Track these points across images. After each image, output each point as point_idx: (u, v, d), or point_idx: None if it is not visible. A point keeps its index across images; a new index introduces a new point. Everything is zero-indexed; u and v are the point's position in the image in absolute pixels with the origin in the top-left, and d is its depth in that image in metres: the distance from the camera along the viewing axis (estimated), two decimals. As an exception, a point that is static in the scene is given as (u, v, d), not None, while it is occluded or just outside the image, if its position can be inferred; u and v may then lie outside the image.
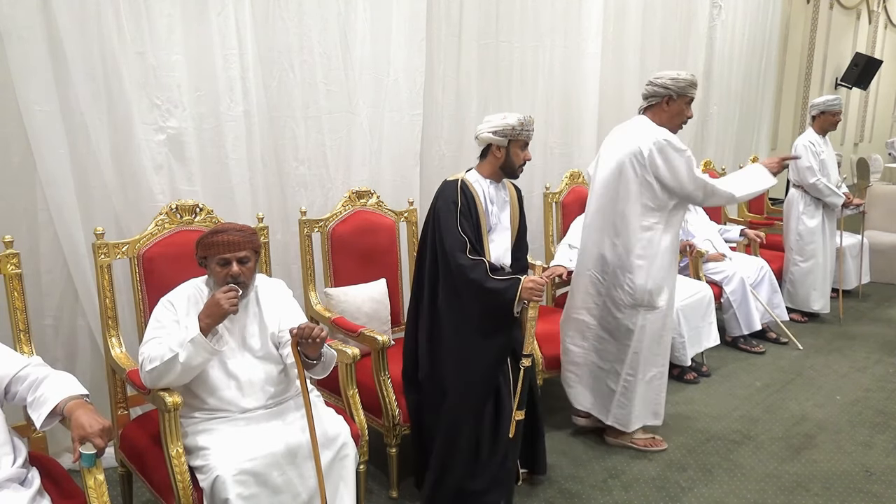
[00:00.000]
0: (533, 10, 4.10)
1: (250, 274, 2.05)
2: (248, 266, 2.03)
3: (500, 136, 2.32)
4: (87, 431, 1.58)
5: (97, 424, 1.60)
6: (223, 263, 2.00)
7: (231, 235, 2.00)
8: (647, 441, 3.00)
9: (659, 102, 2.70)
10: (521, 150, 2.37)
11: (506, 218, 2.42)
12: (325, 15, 3.14)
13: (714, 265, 4.16)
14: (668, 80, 2.67)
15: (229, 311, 1.90)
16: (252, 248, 2.04)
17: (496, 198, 2.39)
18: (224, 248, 1.99)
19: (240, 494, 1.79)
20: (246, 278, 2.02)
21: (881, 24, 11.57)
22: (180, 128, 2.74)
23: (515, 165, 2.38)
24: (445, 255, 2.24)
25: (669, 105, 2.69)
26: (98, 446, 1.58)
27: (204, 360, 1.91)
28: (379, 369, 2.52)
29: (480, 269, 2.18)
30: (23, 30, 2.36)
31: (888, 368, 3.97)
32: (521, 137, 2.35)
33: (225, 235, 2.00)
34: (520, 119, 2.32)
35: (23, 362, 1.79)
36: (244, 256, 2.01)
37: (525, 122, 2.34)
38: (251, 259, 2.04)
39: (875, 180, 9.31)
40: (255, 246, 2.06)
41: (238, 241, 2.00)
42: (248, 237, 2.03)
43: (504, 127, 2.32)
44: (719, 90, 5.85)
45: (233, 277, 1.99)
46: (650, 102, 2.73)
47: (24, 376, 1.75)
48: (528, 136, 2.38)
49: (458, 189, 2.29)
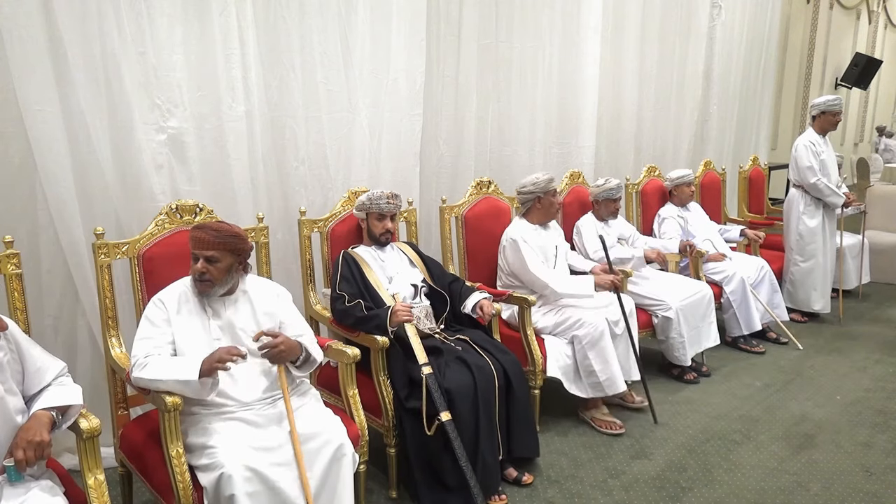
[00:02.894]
0: (532, 10, 4.10)
1: (219, 273, 2.06)
2: (217, 266, 2.05)
3: (359, 210, 2.86)
4: (15, 441, 1.58)
5: (27, 436, 1.59)
6: (194, 259, 2.06)
7: (204, 233, 2.04)
8: (606, 423, 3.15)
9: (532, 205, 3.29)
10: (379, 221, 2.83)
11: (402, 265, 2.89)
12: (325, 15, 3.14)
13: (714, 265, 4.16)
14: (531, 185, 3.26)
15: (221, 362, 1.90)
16: (225, 249, 2.05)
17: (386, 256, 2.87)
18: (195, 243, 2.05)
19: (245, 491, 1.79)
20: (212, 276, 2.05)
21: (881, 24, 11.58)
22: (181, 128, 2.73)
23: (377, 234, 2.84)
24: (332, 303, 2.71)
25: (542, 202, 3.27)
26: (16, 457, 1.56)
27: (191, 395, 1.93)
28: (378, 369, 2.53)
29: (356, 308, 2.61)
30: (23, 29, 2.36)
31: (888, 368, 3.97)
32: (373, 210, 2.80)
33: (199, 232, 2.05)
34: (369, 196, 2.81)
35: (56, 372, 1.83)
36: (212, 256, 2.03)
37: (373, 198, 2.79)
38: (221, 260, 2.05)
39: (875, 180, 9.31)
40: (231, 248, 2.06)
41: (208, 239, 2.03)
42: (221, 238, 2.04)
43: (358, 203, 2.86)
44: (719, 90, 5.85)
45: (198, 273, 2.04)
46: (525, 208, 3.32)
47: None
48: (380, 209, 2.80)
49: (341, 258, 2.76)
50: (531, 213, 3.33)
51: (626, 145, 5.07)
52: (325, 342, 2.41)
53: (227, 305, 2.13)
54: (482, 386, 2.51)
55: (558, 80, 4.37)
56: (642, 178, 4.58)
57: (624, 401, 3.35)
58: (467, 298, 2.85)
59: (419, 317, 2.73)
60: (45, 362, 1.81)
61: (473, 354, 2.62)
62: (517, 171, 4.16)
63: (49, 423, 1.67)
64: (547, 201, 3.28)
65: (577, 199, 3.99)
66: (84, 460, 1.78)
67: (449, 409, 2.41)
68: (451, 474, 2.43)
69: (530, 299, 2.99)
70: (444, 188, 3.80)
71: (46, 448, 1.61)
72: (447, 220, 3.41)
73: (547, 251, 3.30)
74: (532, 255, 3.20)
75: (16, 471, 1.58)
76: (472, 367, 2.53)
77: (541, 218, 3.33)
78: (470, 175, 3.87)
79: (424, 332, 2.70)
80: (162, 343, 2.03)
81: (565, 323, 3.12)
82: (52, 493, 1.64)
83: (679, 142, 5.61)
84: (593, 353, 3.03)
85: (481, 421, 2.48)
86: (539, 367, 2.99)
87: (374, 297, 2.70)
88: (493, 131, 4.09)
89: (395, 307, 2.58)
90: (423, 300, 2.85)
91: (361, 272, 2.75)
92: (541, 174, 3.27)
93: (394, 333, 2.55)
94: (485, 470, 2.47)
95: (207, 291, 2.08)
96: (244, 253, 2.13)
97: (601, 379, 3.03)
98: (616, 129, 4.97)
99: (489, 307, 2.81)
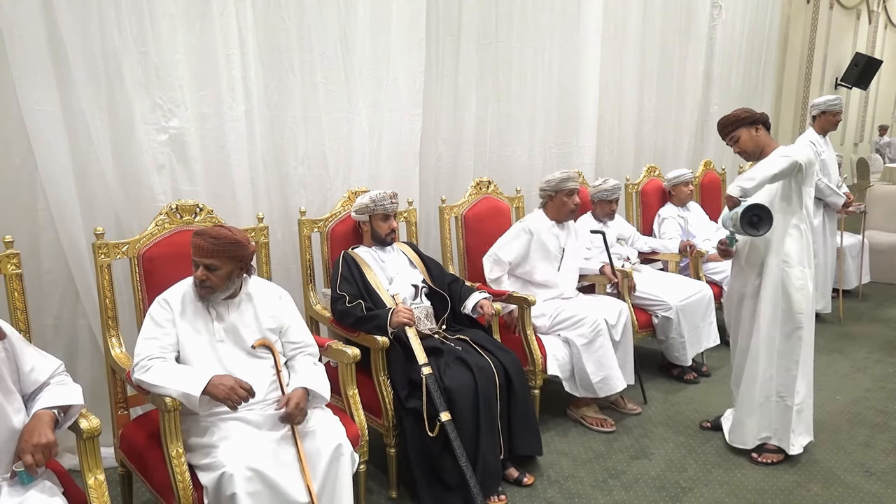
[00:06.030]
0: (532, 10, 4.10)
1: (219, 281, 2.05)
2: (217, 273, 2.04)
3: (360, 213, 2.83)
4: (21, 446, 1.57)
5: (33, 439, 1.58)
6: (195, 266, 2.06)
7: (203, 241, 2.03)
8: (598, 420, 3.16)
9: (547, 201, 3.32)
10: (384, 222, 2.83)
11: (402, 266, 2.89)
12: (325, 15, 3.14)
13: (714, 265, 4.15)
14: (545, 182, 3.30)
15: (224, 400, 1.90)
16: (225, 257, 2.03)
17: (386, 257, 2.87)
18: (195, 251, 2.05)
19: (246, 490, 1.80)
20: (213, 284, 2.05)
21: (881, 24, 11.58)
22: (182, 128, 2.73)
23: (382, 234, 2.83)
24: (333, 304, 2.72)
25: (554, 200, 3.27)
26: (25, 462, 1.55)
27: (189, 406, 1.92)
28: (379, 369, 2.53)
29: (356, 308, 2.61)
30: (24, 29, 2.36)
31: (888, 368, 3.97)
32: (378, 211, 2.79)
33: (198, 239, 2.04)
34: (371, 197, 2.79)
35: (50, 371, 1.82)
36: (211, 264, 2.03)
37: (377, 199, 2.78)
38: (221, 267, 2.04)
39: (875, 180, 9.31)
40: (230, 255, 2.05)
41: (206, 247, 2.02)
42: (220, 245, 2.02)
43: (359, 206, 2.83)
44: (719, 90, 5.85)
45: (199, 280, 2.04)
46: (543, 202, 3.36)
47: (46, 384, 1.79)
48: (384, 210, 2.80)
49: (341, 259, 2.77)
50: (548, 208, 3.34)
51: (627, 145, 5.07)
52: (325, 342, 2.42)
53: (230, 308, 2.13)
54: (483, 385, 2.51)
55: (558, 80, 4.37)
56: (642, 178, 4.58)
57: (616, 406, 3.35)
58: (467, 298, 2.86)
59: (419, 317, 2.73)
60: (39, 362, 1.80)
61: (474, 354, 2.62)
62: (517, 171, 4.17)
63: (52, 422, 1.67)
64: (559, 200, 3.27)
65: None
66: (84, 460, 1.78)
67: (449, 408, 2.41)
68: (451, 474, 2.43)
69: (530, 299, 2.99)
70: (443, 188, 3.80)
71: (53, 448, 1.61)
72: (447, 220, 3.41)
73: (552, 249, 3.29)
74: (513, 248, 3.21)
75: (27, 474, 1.58)
76: (473, 367, 2.53)
77: (555, 215, 3.31)
78: (469, 175, 3.87)
79: (425, 332, 2.70)
80: (166, 344, 2.02)
81: (563, 322, 3.12)
82: (51, 494, 1.64)
83: (679, 142, 5.61)
84: (587, 353, 3.03)
85: (482, 420, 2.49)
86: (539, 366, 2.99)
87: (375, 298, 2.70)
88: (493, 131, 4.09)
89: (396, 308, 2.58)
90: (424, 300, 2.85)
91: (361, 273, 2.76)
92: (559, 172, 3.28)
93: (393, 334, 2.56)
94: (485, 470, 2.47)
95: (208, 297, 2.08)
96: (245, 258, 2.11)
97: (593, 381, 3.03)
98: (616, 129, 4.97)
99: (489, 307, 2.81)
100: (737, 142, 2.79)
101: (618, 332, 3.15)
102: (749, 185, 2.53)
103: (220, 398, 1.89)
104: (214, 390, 1.89)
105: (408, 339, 2.54)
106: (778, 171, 2.55)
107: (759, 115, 2.78)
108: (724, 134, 2.84)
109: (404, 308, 2.61)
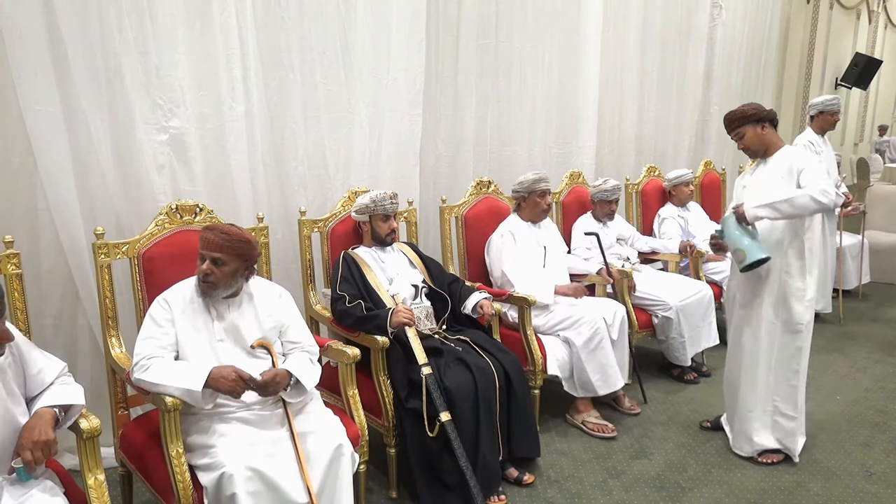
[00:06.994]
0: (532, 10, 4.10)
1: (223, 276, 2.06)
2: (223, 269, 2.05)
3: (360, 213, 2.83)
4: (20, 442, 1.57)
5: (33, 436, 1.58)
6: (201, 259, 2.07)
7: (214, 235, 2.04)
8: (598, 426, 3.12)
9: (521, 202, 3.36)
10: (384, 222, 2.82)
11: (402, 266, 2.89)
12: (325, 15, 3.14)
13: (714, 265, 4.15)
14: (517, 185, 3.33)
15: (228, 393, 1.92)
16: (233, 254, 2.04)
17: (386, 257, 2.87)
18: (203, 244, 2.06)
19: (247, 490, 1.80)
20: (216, 278, 2.05)
21: (881, 24, 11.58)
22: (182, 128, 2.73)
23: (382, 235, 2.83)
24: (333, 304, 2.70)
25: (527, 202, 3.32)
26: (24, 459, 1.56)
27: (190, 402, 1.93)
28: (379, 369, 2.53)
29: (356, 308, 2.61)
30: (24, 29, 2.36)
31: (888, 368, 3.97)
32: (378, 212, 2.79)
33: (209, 233, 2.06)
34: (371, 197, 2.78)
35: (56, 373, 1.82)
36: (218, 258, 2.04)
37: (378, 200, 2.77)
38: (228, 263, 2.05)
39: (875, 180, 9.31)
40: (239, 252, 2.06)
41: (217, 242, 2.03)
42: (230, 242, 2.04)
43: (359, 206, 2.82)
44: (719, 90, 5.85)
45: (203, 274, 2.05)
46: (516, 204, 3.41)
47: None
48: (385, 210, 2.79)
49: (341, 259, 2.76)
50: (522, 210, 3.38)
51: (627, 145, 5.07)
52: (325, 342, 2.42)
53: (230, 308, 2.13)
54: (482, 386, 2.51)
55: (558, 80, 4.36)
56: (642, 178, 4.58)
57: (616, 403, 3.35)
58: (467, 299, 2.86)
59: (419, 317, 2.73)
60: (45, 364, 1.81)
61: (473, 355, 2.62)
62: (517, 171, 4.15)
63: (52, 420, 1.67)
64: (532, 201, 3.32)
65: (577, 199, 3.99)
66: (84, 460, 1.78)
67: (449, 409, 2.41)
68: (451, 474, 2.43)
69: (530, 299, 3.00)
70: (443, 188, 3.80)
71: (53, 446, 1.61)
72: (447, 220, 3.42)
73: (533, 248, 3.30)
74: (511, 252, 3.22)
75: (25, 472, 1.58)
76: (473, 368, 2.53)
77: (529, 216, 3.36)
78: (469, 175, 3.87)
79: (425, 332, 2.70)
80: (165, 343, 2.03)
81: (563, 322, 3.12)
82: (52, 494, 1.64)
83: (679, 142, 5.61)
84: (587, 353, 3.03)
85: (482, 421, 2.49)
86: (539, 366, 2.99)
87: (375, 298, 2.71)
88: (493, 131, 4.09)
89: (396, 308, 2.59)
90: (424, 301, 2.85)
91: (361, 273, 2.76)
92: (532, 174, 3.32)
93: (393, 334, 2.56)
94: (485, 470, 2.47)
95: (210, 293, 2.09)
96: (251, 259, 2.12)
97: (593, 379, 3.03)
98: (617, 129, 4.97)
99: (489, 307, 2.81)
100: (741, 138, 2.77)
101: (615, 331, 3.15)
102: (770, 215, 2.57)
103: (224, 391, 1.91)
104: (216, 384, 1.90)
105: (408, 340, 2.54)
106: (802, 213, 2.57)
107: (767, 113, 2.75)
108: (730, 130, 2.81)
109: (404, 308, 2.61)
